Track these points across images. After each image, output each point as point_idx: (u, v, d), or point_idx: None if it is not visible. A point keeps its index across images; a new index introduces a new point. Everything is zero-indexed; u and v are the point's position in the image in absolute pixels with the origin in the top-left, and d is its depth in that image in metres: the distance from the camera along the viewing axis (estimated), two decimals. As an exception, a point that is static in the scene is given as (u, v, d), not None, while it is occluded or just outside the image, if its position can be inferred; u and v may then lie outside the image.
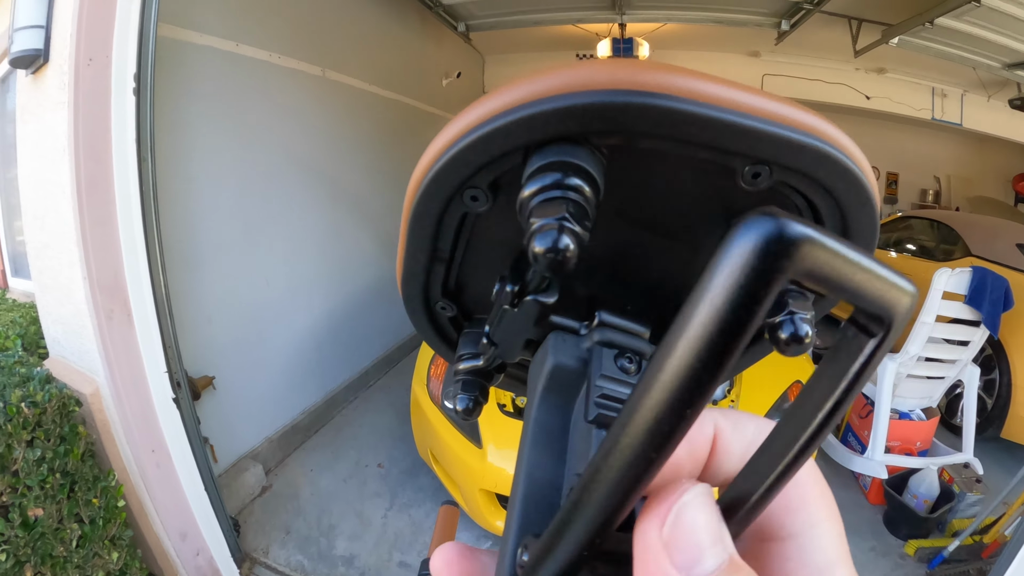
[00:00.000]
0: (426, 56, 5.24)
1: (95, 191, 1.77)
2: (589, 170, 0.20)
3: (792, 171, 0.21)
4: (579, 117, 0.19)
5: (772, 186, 0.22)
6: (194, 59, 2.52)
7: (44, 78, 1.79)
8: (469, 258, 0.29)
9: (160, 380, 2.02)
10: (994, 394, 3.50)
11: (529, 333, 0.27)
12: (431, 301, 0.32)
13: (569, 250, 0.18)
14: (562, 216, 0.18)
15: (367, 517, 2.84)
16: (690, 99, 0.19)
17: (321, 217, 3.67)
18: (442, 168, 0.23)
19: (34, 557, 1.61)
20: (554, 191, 0.19)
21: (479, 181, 0.23)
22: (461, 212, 0.25)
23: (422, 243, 0.27)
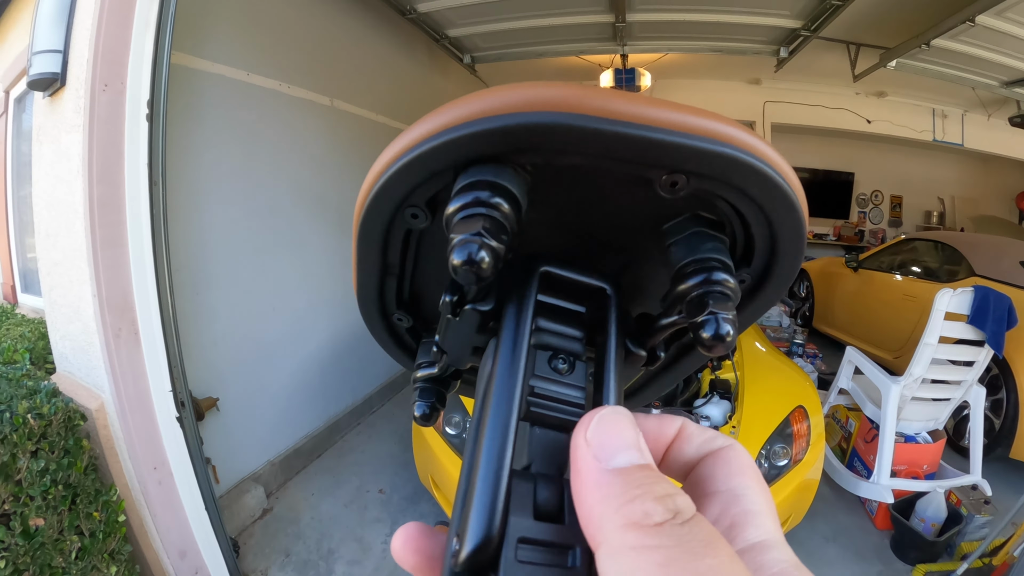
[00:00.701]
0: (433, 87, 5.34)
1: (107, 212, 1.81)
2: (509, 187, 0.21)
3: (708, 178, 0.22)
4: (496, 138, 0.21)
5: (693, 192, 0.23)
6: (206, 87, 2.60)
7: (61, 101, 1.85)
8: (420, 272, 0.31)
9: (164, 399, 2.04)
10: (1002, 414, 3.45)
11: (474, 340, 0.28)
12: (387, 312, 0.34)
13: (484, 262, 0.20)
14: (477, 231, 0.20)
15: (367, 542, 2.82)
16: (596, 116, 0.20)
17: (327, 244, 3.72)
18: (382, 188, 0.24)
19: (33, 566, 1.62)
20: (474, 208, 0.21)
21: (416, 199, 0.25)
22: (404, 228, 0.27)
23: (371, 258, 0.29)
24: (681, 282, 0.23)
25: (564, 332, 0.27)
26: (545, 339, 0.26)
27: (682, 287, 0.23)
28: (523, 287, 0.26)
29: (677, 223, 0.25)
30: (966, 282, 4.00)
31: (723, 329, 0.21)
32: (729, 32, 4.71)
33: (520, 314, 0.25)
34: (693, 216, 0.25)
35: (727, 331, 0.21)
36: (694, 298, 0.23)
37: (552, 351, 0.26)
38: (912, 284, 4.90)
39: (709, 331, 0.21)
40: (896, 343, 4.75)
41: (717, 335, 0.21)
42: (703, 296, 0.22)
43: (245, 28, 2.85)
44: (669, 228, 0.25)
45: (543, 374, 0.24)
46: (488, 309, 0.26)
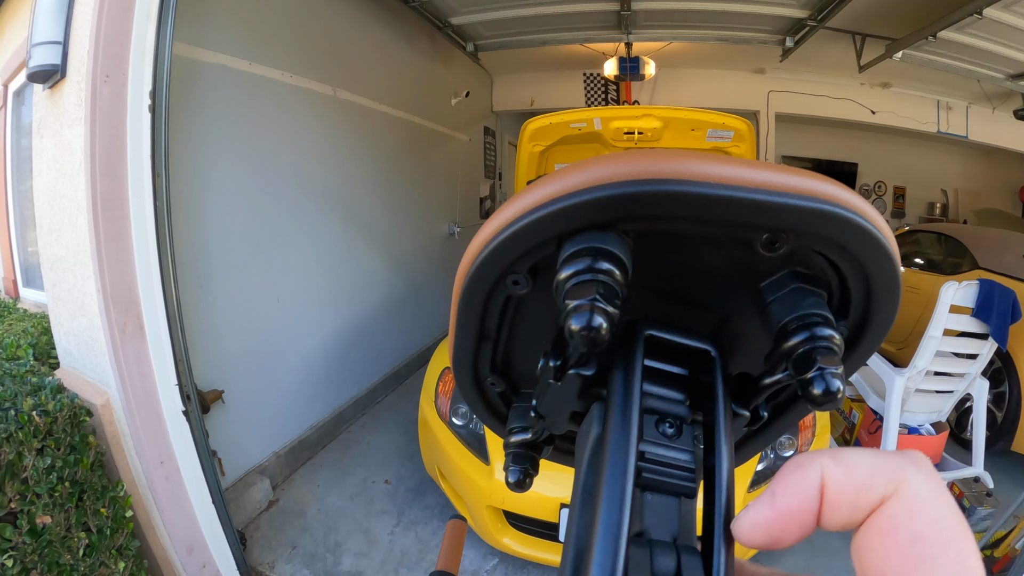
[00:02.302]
0: (435, 76, 5.30)
1: (110, 206, 1.79)
2: (617, 253, 0.22)
3: (808, 235, 0.23)
4: (603, 208, 0.21)
5: (791, 250, 0.23)
6: (208, 77, 2.57)
7: (61, 93, 1.82)
8: (514, 336, 0.31)
9: (171, 393, 2.04)
10: (1004, 407, 3.46)
11: (573, 405, 0.28)
12: (480, 377, 0.34)
13: (602, 328, 0.20)
14: (593, 297, 0.20)
15: (373, 534, 2.83)
16: (702, 182, 0.21)
17: (332, 235, 3.71)
18: (486, 258, 0.25)
19: (41, 564, 1.62)
20: (586, 275, 0.21)
21: (519, 267, 0.25)
22: (504, 295, 0.28)
23: (470, 324, 0.29)
24: (786, 340, 0.23)
25: (669, 396, 0.26)
26: (651, 403, 0.26)
27: (787, 344, 0.23)
28: (629, 352, 0.26)
29: (775, 280, 0.25)
30: (970, 275, 4.00)
31: (833, 385, 0.21)
32: (735, 21, 4.67)
33: (629, 378, 0.25)
34: (791, 273, 0.25)
35: (837, 387, 0.21)
36: (801, 355, 0.22)
37: (659, 415, 0.25)
38: (916, 276, 4.90)
39: (819, 388, 0.21)
40: (899, 335, 4.74)
41: (828, 391, 0.21)
42: (810, 352, 0.22)
43: (246, 17, 2.82)
44: (767, 286, 0.25)
45: (652, 439, 0.24)
46: (591, 374, 0.27)
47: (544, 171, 4.00)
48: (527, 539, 2.40)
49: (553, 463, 1.46)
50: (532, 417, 0.31)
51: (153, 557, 2.09)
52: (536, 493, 2.27)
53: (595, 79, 6.71)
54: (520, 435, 0.33)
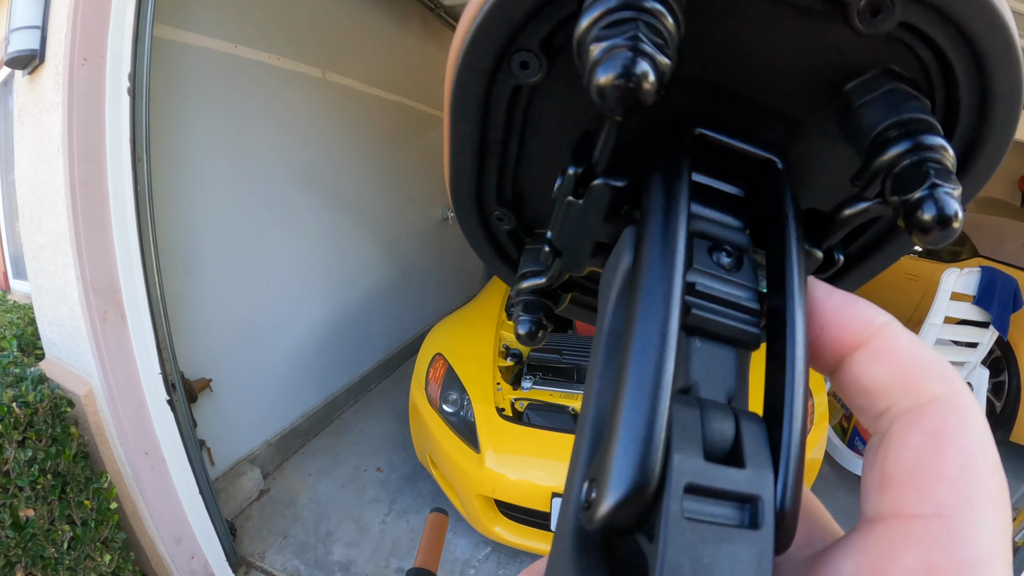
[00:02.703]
0: (427, 57, 5.22)
1: (89, 192, 1.76)
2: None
3: (924, 4, 0.17)
4: None
5: (893, 31, 0.18)
6: (192, 60, 2.51)
7: (40, 79, 1.79)
8: (527, 151, 0.24)
9: (154, 382, 2.01)
10: (1003, 397, 3.46)
11: (598, 232, 0.22)
12: (485, 210, 0.27)
13: (646, 77, 0.14)
14: (634, 35, 0.14)
15: (365, 523, 2.81)
16: None
17: (322, 220, 3.66)
18: (481, 25, 0.18)
19: (25, 558, 1.60)
20: (623, 11, 0.14)
21: (528, 39, 0.19)
22: (511, 85, 0.21)
23: (467, 130, 0.22)
24: (882, 151, 0.17)
25: (723, 220, 0.20)
26: (700, 226, 0.19)
27: (885, 157, 0.17)
28: (673, 152, 0.19)
29: (866, 79, 0.19)
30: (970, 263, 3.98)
31: (949, 208, 0.16)
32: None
33: (673, 184, 0.18)
34: (887, 71, 0.19)
35: (954, 210, 0.16)
36: (906, 168, 0.17)
37: (711, 241, 0.19)
38: (915, 263, 4.89)
39: (930, 211, 0.16)
40: (898, 322, 4.73)
41: (943, 215, 0.16)
42: (920, 164, 0.16)
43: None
44: (855, 87, 0.19)
45: (704, 267, 0.18)
46: (622, 185, 0.20)
47: None
48: (519, 528, 2.38)
49: (543, 454, 1.44)
50: (546, 252, 0.24)
51: (140, 549, 2.07)
52: (527, 482, 2.26)
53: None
54: (532, 280, 0.26)
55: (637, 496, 0.13)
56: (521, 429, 2.37)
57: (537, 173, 0.25)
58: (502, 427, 2.37)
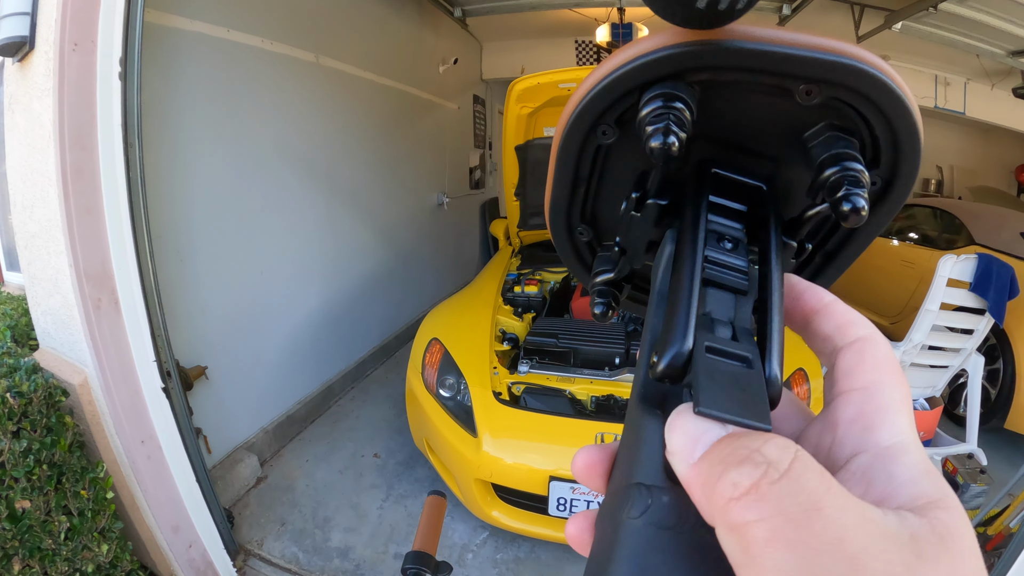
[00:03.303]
0: (422, 42, 5.17)
1: (81, 178, 1.74)
2: (683, 96, 0.27)
3: (835, 86, 0.27)
4: (673, 62, 0.27)
5: (824, 101, 0.28)
6: (184, 45, 2.48)
7: (30, 65, 1.76)
8: (602, 186, 0.36)
9: (149, 370, 2.00)
10: (998, 384, 3.47)
11: (650, 234, 0.34)
12: (572, 226, 0.39)
13: (674, 144, 0.25)
14: (667, 122, 0.26)
15: (363, 509, 2.82)
16: (748, 40, 0.26)
17: (317, 206, 3.64)
18: (583, 108, 0.30)
19: (22, 550, 1.60)
20: (661, 109, 0.26)
21: (608, 118, 0.31)
22: (596, 144, 0.33)
23: (567, 171, 0.35)
24: (821, 172, 0.28)
25: (729, 224, 0.32)
26: (714, 227, 0.31)
27: (823, 176, 0.28)
28: (699, 183, 0.31)
29: (816, 130, 0.30)
30: (966, 250, 3.98)
31: (858, 202, 0.26)
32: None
33: (698, 202, 0.30)
34: (829, 124, 0.30)
35: (862, 204, 0.26)
36: (834, 180, 0.27)
37: (720, 236, 0.30)
38: (911, 250, 4.89)
39: (847, 205, 0.26)
40: (893, 309, 4.75)
41: (854, 207, 0.26)
42: (841, 178, 0.27)
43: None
44: (809, 135, 0.30)
45: (714, 248, 0.29)
46: (666, 203, 0.32)
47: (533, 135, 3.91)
48: (517, 512, 2.39)
49: (540, 438, 1.53)
50: (616, 252, 0.37)
51: (138, 538, 2.07)
52: (525, 466, 2.27)
53: (587, 46, 6.59)
54: (604, 275, 0.38)
55: (680, 356, 0.23)
56: (518, 413, 2.37)
57: (607, 200, 0.37)
58: (499, 411, 2.37)
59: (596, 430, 2.25)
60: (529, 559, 2.53)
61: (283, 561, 2.47)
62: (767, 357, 0.25)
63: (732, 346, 0.24)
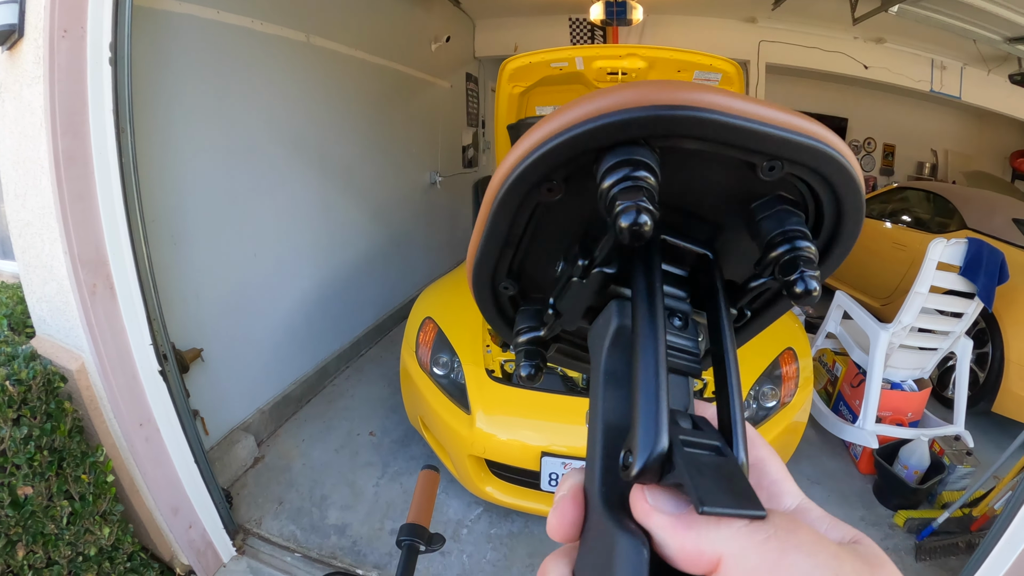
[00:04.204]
0: (414, 20, 5.10)
1: (73, 165, 1.73)
2: (652, 165, 0.25)
3: (798, 164, 0.27)
4: (645, 125, 0.25)
5: (783, 177, 0.28)
6: (174, 28, 2.44)
7: (20, 53, 1.74)
8: (533, 243, 0.34)
9: (145, 353, 2.00)
10: (986, 368, 3.51)
11: (591, 301, 0.32)
12: (496, 281, 0.37)
13: (647, 225, 0.23)
14: (640, 199, 0.24)
15: (359, 487, 2.86)
16: (727, 112, 0.25)
17: (309, 187, 3.62)
18: (531, 165, 0.27)
19: (25, 536, 1.62)
20: (629, 181, 0.24)
21: (557, 175, 0.28)
22: (535, 202, 0.30)
23: (499, 229, 0.32)
24: (773, 249, 0.28)
25: (675, 293, 0.32)
26: (667, 302, 0.31)
27: (775, 253, 0.28)
28: (648, 253, 0.30)
29: (765, 201, 0.30)
30: (957, 234, 4.00)
31: (811, 285, 0.26)
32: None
33: (651, 275, 0.29)
34: (778, 196, 0.30)
35: (814, 286, 0.26)
36: (787, 261, 0.27)
37: (670, 311, 0.31)
38: (903, 233, 4.91)
39: (800, 287, 0.26)
40: (884, 291, 4.79)
41: (807, 290, 0.26)
42: (795, 259, 0.27)
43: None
44: (758, 205, 0.30)
45: (668, 328, 0.30)
46: (613, 272, 0.31)
47: (525, 114, 3.88)
48: (510, 488, 2.43)
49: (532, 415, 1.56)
50: (549, 315, 0.35)
51: (139, 520, 2.09)
52: (517, 442, 2.30)
53: (581, 24, 6.49)
54: (530, 334, 0.37)
55: (659, 455, 0.23)
56: (511, 390, 2.40)
57: (539, 258, 0.35)
58: (492, 388, 2.40)
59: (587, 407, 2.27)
60: (523, 534, 2.58)
61: (281, 539, 2.51)
62: (734, 444, 0.26)
63: (701, 435, 0.25)
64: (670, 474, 0.23)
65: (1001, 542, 1.78)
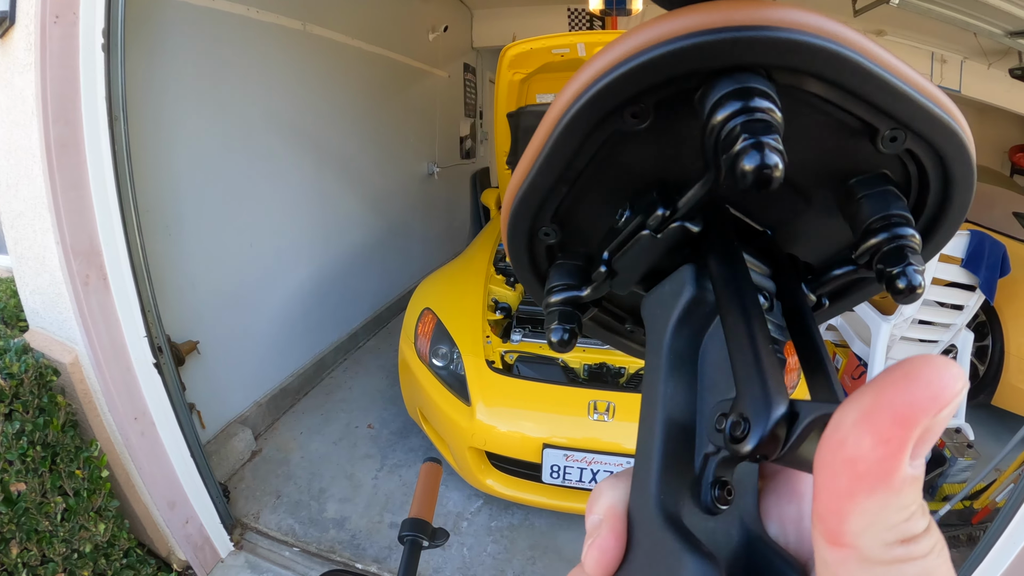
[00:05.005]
0: (412, 10, 5.04)
1: (65, 153, 1.70)
2: (776, 99, 0.20)
3: (921, 139, 0.23)
4: (781, 50, 0.20)
5: (900, 152, 0.24)
6: (169, 15, 2.39)
7: (11, 41, 1.71)
8: (594, 182, 0.28)
9: (140, 346, 1.98)
10: (986, 361, 3.52)
11: (656, 262, 0.28)
12: (537, 225, 0.30)
13: (778, 168, 0.19)
14: (770, 135, 0.19)
15: (358, 479, 2.84)
16: (871, 58, 0.21)
17: (306, 177, 3.58)
18: (620, 78, 0.21)
19: (19, 533, 1.60)
20: (756, 113, 0.19)
21: (647, 99, 0.22)
22: (611, 130, 0.24)
23: (560, 158, 0.25)
24: (872, 236, 0.24)
25: (757, 266, 0.27)
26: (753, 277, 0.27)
27: (875, 240, 0.24)
28: (724, 218, 0.26)
29: (869, 179, 0.26)
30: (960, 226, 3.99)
31: (916, 280, 0.23)
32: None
33: (731, 245, 0.25)
34: (883, 175, 0.26)
35: (919, 281, 0.23)
36: (891, 250, 0.24)
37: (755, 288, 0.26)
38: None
39: (903, 282, 0.23)
40: (883, 282, 4.77)
41: (911, 285, 0.23)
42: (902, 249, 0.23)
43: (208, -54, 2.61)
44: (858, 182, 0.26)
45: None
46: (698, 231, 0.26)
47: (525, 102, 3.84)
48: (510, 480, 2.42)
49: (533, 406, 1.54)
50: (600, 272, 0.29)
51: (135, 516, 2.08)
52: (518, 433, 2.29)
53: (580, 14, 6.45)
54: (566, 292, 0.31)
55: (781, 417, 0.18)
56: (511, 381, 2.38)
57: (593, 202, 0.29)
58: (492, 380, 2.38)
59: (589, 398, 2.26)
60: (523, 526, 2.57)
61: (280, 533, 2.49)
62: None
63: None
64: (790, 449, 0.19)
65: (1004, 535, 1.78)
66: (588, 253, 0.31)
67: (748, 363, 0.20)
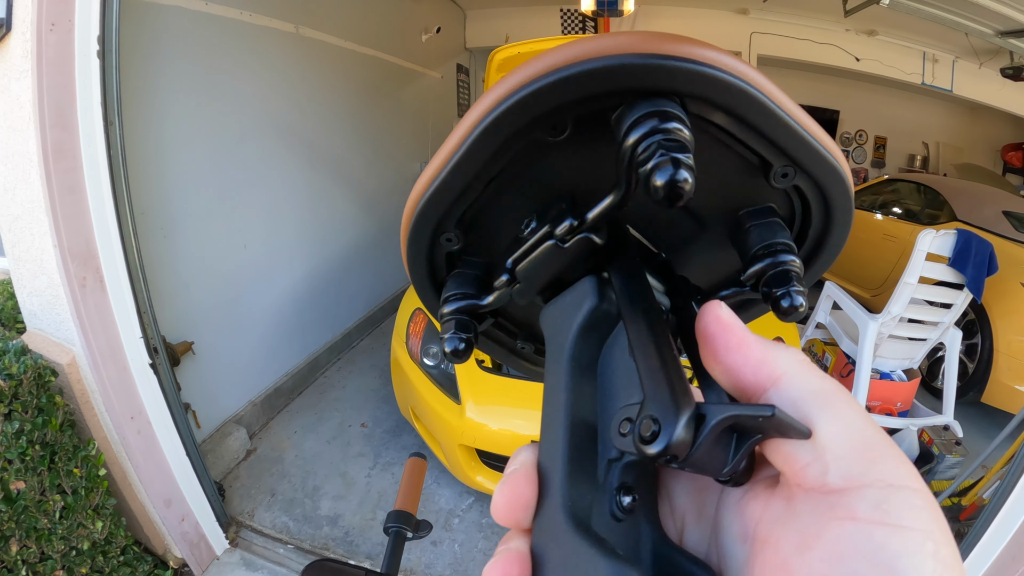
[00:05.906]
0: (405, 11, 5.06)
1: (62, 158, 1.72)
2: (687, 122, 0.21)
3: (809, 177, 0.26)
4: (699, 82, 0.21)
5: (788, 187, 0.27)
6: (162, 20, 2.41)
7: (8, 48, 1.72)
8: (505, 189, 0.28)
9: (136, 346, 2.00)
10: (975, 359, 3.55)
11: (560, 272, 0.28)
12: (441, 230, 0.30)
13: (688, 183, 0.20)
14: (681, 153, 0.20)
15: (351, 477, 2.87)
16: (774, 100, 0.23)
17: (299, 178, 3.60)
18: (548, 88, 0.22)
19: (18, 531, 1.62)
20: (668, 133, 0.21)
21: (568, 112, 0.24)
22: (530, 137, 0.25)
23: (475, 161, 0.26)
24: (758, 261, 0.27)
25: (657, 286, 0.28)
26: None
27: (760, 265, 0.26)
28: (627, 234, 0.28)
29: (757, 210, 0.28)
30: (948, 226, 4.02)
31: (798, 300, 0.25)
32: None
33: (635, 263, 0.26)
34: (770, 208, 0.28)
35: (800, 302, 0.25)
36: (776, 274, 0.26)
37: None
38: (893, 224, 4.94)
39: (787, 302, 0.25)
40: (874, 281, 4.82)
41: (793, 305, 0.25)
42: (786, 273, 0.26)
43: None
44: (748, 212, 0.28)
45: None
46: (602, 243, 0.27)
47: None
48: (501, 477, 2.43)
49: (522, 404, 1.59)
50: (503, 280, 0.30)
51: (131, 514, 2.10)
52: (508, 431, 2.31)
53: (572, 15, 6.47)
54: (463, 301, 0.31)
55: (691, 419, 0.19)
56: (500, 380, 2.41)
57: (502, 209, 0.29)
58: (482, 378, 2.41)
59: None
60: (514, 524, 2.59)
61: (274, 531, 2.52)
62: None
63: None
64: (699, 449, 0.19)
65: (989, 531, 1.80)
66: (488, 263, 0.32)
67: (656, 368, 0.21)
